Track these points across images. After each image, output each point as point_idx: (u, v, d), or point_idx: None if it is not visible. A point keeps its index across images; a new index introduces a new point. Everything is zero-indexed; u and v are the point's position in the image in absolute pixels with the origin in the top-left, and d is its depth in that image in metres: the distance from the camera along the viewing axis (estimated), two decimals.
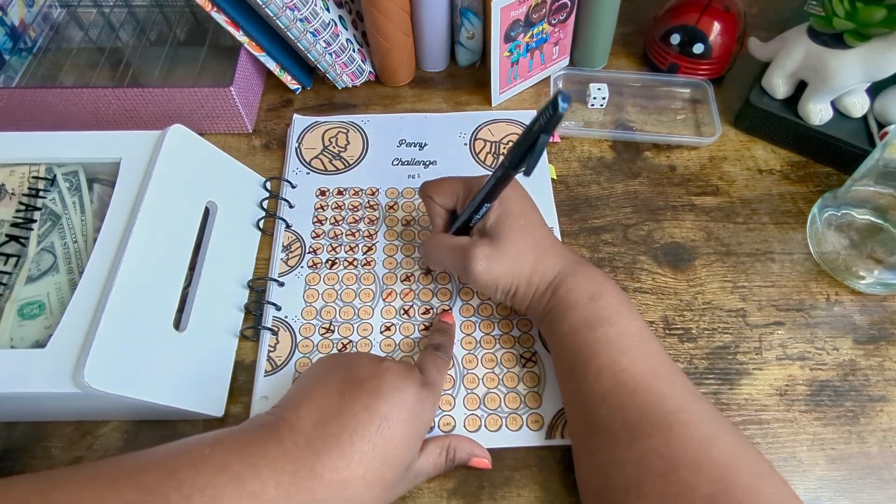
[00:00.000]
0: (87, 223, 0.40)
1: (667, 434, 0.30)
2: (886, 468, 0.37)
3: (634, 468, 0.30)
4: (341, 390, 0.31)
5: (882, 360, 0.41)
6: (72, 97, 0.51)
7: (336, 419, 0.30)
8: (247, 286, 0.45)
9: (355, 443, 0.29)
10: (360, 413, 0.30)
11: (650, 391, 0.32)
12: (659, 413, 0.31)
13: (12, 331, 0.36)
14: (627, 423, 0.31)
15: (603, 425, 0.32)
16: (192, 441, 0.29)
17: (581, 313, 0.35)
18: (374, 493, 0.30)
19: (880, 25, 0.43)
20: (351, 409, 0.30)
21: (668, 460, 0.29)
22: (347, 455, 0.29)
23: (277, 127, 0.56)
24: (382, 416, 0.30)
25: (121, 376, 0.32)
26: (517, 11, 0.50)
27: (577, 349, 0.34)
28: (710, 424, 0.31)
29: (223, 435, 0.30)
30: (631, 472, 0.30)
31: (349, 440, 0.29)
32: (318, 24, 0.51)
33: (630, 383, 0.32)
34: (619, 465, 0.31)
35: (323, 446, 0.29)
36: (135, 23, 0.62)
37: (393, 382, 0.32)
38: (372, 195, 0.50)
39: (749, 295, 0.45)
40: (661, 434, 0.30)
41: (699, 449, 0.29)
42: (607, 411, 0.32)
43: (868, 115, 0.50)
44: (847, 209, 0.45)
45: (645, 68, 0.60)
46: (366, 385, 0.31)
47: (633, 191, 0.51)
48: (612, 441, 0.31)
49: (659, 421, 0.31)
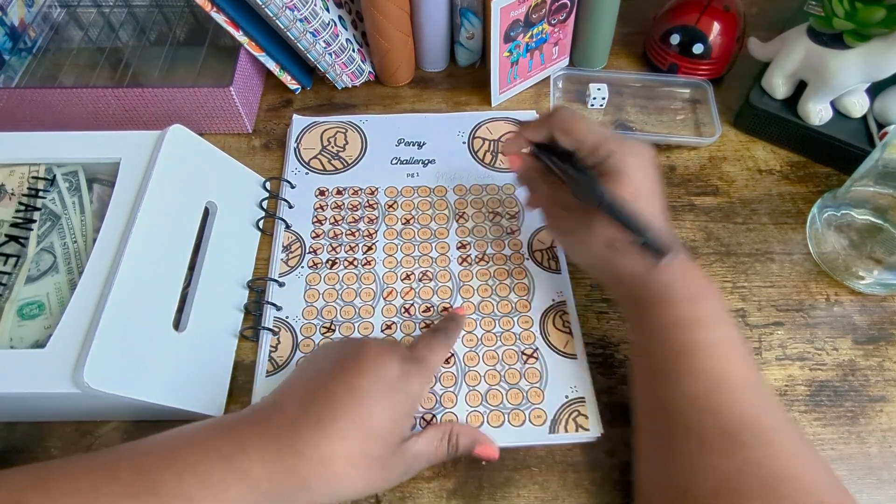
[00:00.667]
0: (87, 223, 0.40)
1: (768, 449, 0.29)
2: (886, 468, 0.37)
3: (732, 477, 0.29)
4: (324, 370, 0.32)
5: (882, 361, 0.41)
6: (72, 97, 0.51)
7: (318, 398, 0.30)
8: (246, 286, 0.45)
9: (336, 419, 0.30)
10: (340, 390, 0.31)
11: (749, 402, 0.31)
12: (758, 426, 0.30)
13: (12, 331, 0.36)
14: (725, 431, 0.30)
15: (694, 429, 0.31)
16: (191, 426, 0.31)
17: (680, 312, 0.34)
18: (361, 472, 0.30)
19: (880, 25, 0.43)
20: (332, 387, 0.31)
21: (769, 475, 0.29)
22: (328, 431, 0.29)
23: (277, 127, 0.56)
24: (363, 391, 0.31)
25: (120, 376, 0.32)
26: (517, 11, 0.50)
27: (672, 347, 0.33)
28: (805, 447, 0.31)
29: (220, 419, 0.31)
30: (726, 480, 0.29)
31: (330, 416, 0.30)
32: (317, 24, 0.51)
33: (728, 391, 0.31)
34: (709, 471, 0.30)
35: (305, 423, 0.29)
36: (135, 23, 0.62)
37: (373, 358, 0.32)
38: (371, 194, 0.50)
39: (749, 295, 0.45)
40: (762, 448, 0.29)
41: (799, 467, 0.29)
42: (701, 415, 0.31)
43: (868, 115, 0.50)
44: (847, 209, 0.45)
45: (645, 68, 0.60)
46: (346, 363, 0.32)
47: None
48: (704, 446, 0.30)
49: (759, 434, 0.30)
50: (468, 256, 0.46)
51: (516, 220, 0.48)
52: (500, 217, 0.48)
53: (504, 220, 0.48)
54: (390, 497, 0.36)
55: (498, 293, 0.44)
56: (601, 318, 0.44)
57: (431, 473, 0.37)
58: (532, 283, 0.45)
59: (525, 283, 0.45)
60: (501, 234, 0.47)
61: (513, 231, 0.48)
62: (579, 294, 0.45)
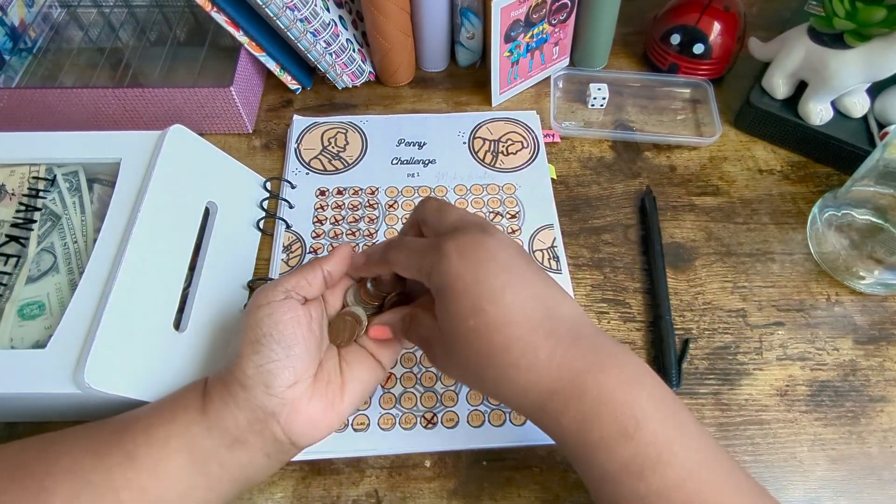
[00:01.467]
0: (87, 223, 0.40)
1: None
2: (887, 468, 0.37)
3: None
4: None
5: (882, 361, 0.41)
6: (72, 97, 0.51)
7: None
8: (247, 287, 0.45)
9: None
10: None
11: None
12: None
13: (12, 331, 0.36)
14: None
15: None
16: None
17: (617, 456, 0.25)
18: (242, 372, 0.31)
19: (880, 25, 0.43)
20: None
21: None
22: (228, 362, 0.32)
23: (277, 127, 0.56)
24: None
25: (121, 376, 0.32)
26: (517, 11, 0.50)
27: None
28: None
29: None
30: None
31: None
32: (318, 24, 0.51)
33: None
34: None
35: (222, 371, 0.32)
36: (135, 23, 0.62)
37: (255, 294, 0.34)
38: (372, 194, 0.50)
39: (749, 295, 0.45)
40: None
41: None
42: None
43: (868, 115, 0.50)
44: (847, 209, 0.45)
45: (645, 68, 0.60)
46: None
47: (633, 191, 0.51)
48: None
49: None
50: None
51: (517, 219, 0.48)
52: (500, 217, 0.48)
53: (504, 219, 0.48)
54: (391, 497, 0.36)
55: None
56: (602, 318, 0.44)
57: (432, 474, 0.37)
58: None
59: None
60: None
61: (513, 231, 0.48)
62: (579, 294, 0.45)
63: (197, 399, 0.31)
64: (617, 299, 0.45)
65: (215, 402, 0.30)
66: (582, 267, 0.46)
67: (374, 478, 0.37)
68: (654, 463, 0.25)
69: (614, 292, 0.45)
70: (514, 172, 0.51)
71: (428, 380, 0.40)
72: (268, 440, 0.30)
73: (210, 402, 0.31)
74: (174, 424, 0.30)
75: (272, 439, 0.30)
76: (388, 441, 0.38)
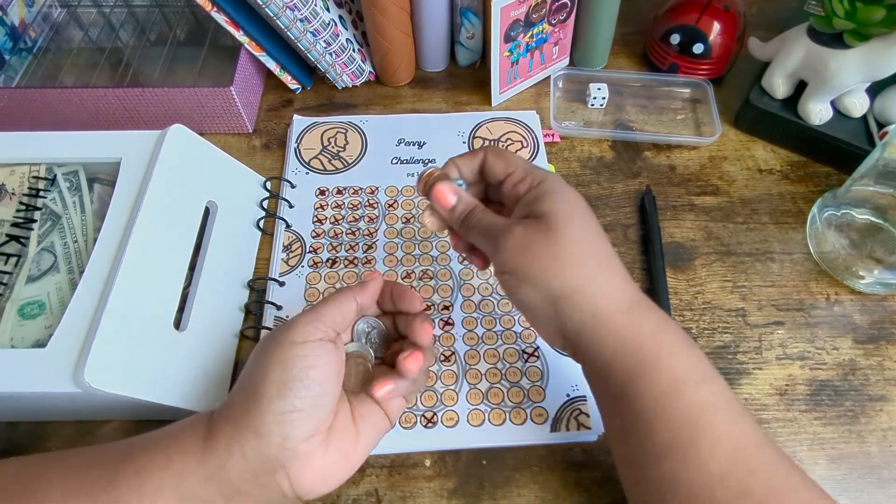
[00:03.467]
0: (88, 223, 0.40)
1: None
2: (886, 468, 0.37)
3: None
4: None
5: (882, 360, 0.41)
6: (72, 97, 0.51)
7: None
8: (247, 286, 0.45)
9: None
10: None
11: (769, 475, 0.27)
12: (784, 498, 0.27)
13: (12, 331, 0.36)
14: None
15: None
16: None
17: (670, 370, 0.28)
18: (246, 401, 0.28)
19: (880, 25, 0.43)
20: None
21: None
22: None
23: (277, 127, 0.56)
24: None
25: (121, 376, 0.32)
26: (517, 11, 0.50)
27: (677, 417, 0.28)
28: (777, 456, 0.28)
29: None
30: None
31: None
32: (318, 23, 0.51)
33: (748, 463, 0.27)
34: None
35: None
36: (135, 23, 0.62)
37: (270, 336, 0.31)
38: (371, 194, 0.50)
39: (749, 295, 0.45)
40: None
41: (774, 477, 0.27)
42: (727, 495, 0.26)
43: (868, 114, 0.50)
44: (847, 209, 0.45)
45: (645, 68, 0.60)
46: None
47: (632, 190, 0.51)
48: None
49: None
50: None
51: None
52: None
53: None
54: (391, 496, 0.36)
55: (499, 291, 0.44)
56: None
57: (432, 473, 0.37)
58: None
59: None
60: None
61: None
62: None
63: (197, 442, 0.28)
64: None
65: (219, 448, 0.28)
66: None
67: (374, 477, 0.37)
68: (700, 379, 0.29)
69: None
70: None
71: (428, 379, 0.40)
72: (273, 493, 0.28)
73: (213, 447, 0.28)
74: (168, 472, 0.27)
75: (277, 493, 0.28)
76: (388, 440, 0.38)
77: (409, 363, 0.32)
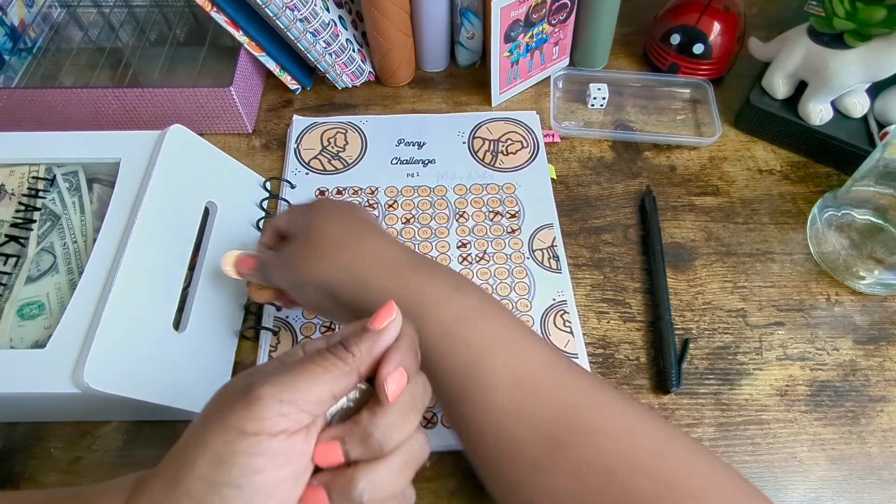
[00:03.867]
0: (87, 223, 0.40)
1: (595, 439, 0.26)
2: (887, 468, 0.37)
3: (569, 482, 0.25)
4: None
5: (882, 361, 0.41)
6: (72, 97, 0.51)
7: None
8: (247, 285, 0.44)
9: None
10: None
11: (561, 396, 0.27)
12: (577, 418, 0.26)
13: (12, 331, 0.36)
14: (549, 439, 0.26)
15: (519, 448, 0.26)
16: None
17: (451, 307, 0.30)
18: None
19: (880, 25, 0.43)
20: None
21: (602, 469, 0.25)
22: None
23: (277, 127, 0.56)
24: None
25: (120, 376, 0.32)
26: (517, 11, 0.50)
27: (451, 362, 0.28)
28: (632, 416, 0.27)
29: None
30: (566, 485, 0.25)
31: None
32: (317, 24, 0.51)
33: (537, 391, 0.27)
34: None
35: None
36: (135, 23, 0.62)
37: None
38: (371, 194, 0.50)
39: (749, 295, 0.45)
40: (585, 442, 0.26)
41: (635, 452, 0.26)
42: (520, 429, 0.26)
43: (868, 115, 0.50)
44: (847, 209, 0.45)
45: (645, 68, 0.60)
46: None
47: (633, 191, 0.51)
48: (533, 466, 0.26)
49: (580, 428, 0.26)
50: (468, 255, 0.46)
51: (516, 219, 0.48)
52: (500, 216, 0.48)
53: (504, 219, 0.48)
54: None
55: (498, 292, 0.44)
56: (602, 317, 0.44)
57: (432, 473, 0.37)
58: (532, 283, 0.45)
59: (525, 282, 0.45)
60: (502, 234, 0.47)
61: (513, 230, 0.48)
62: (580, 294, 0.45)
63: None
64: (617, 299, 0.45)
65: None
66: (582, 267, 0.46)
67: None
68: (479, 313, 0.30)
69: (614, 292, 0.45)
70: (514, 172, 0.51)
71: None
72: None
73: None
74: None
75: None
76: None
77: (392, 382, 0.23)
